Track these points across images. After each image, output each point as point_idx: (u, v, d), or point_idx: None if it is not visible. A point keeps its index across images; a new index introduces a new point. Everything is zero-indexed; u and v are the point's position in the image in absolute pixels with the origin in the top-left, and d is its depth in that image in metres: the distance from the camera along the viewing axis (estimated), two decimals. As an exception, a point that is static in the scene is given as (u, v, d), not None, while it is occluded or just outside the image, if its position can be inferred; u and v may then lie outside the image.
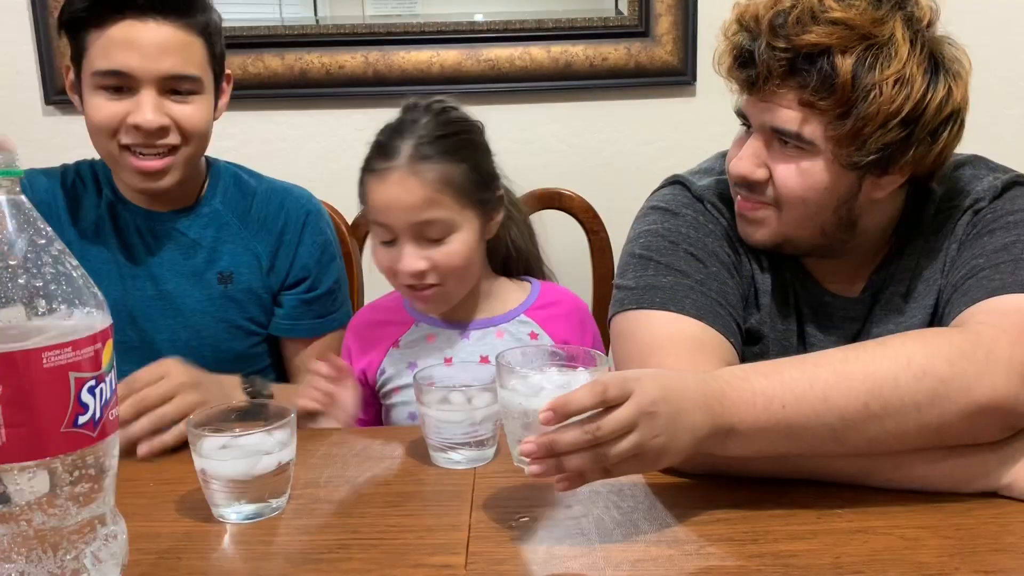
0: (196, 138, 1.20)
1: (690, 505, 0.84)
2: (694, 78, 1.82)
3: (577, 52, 1.81)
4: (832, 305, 1.08)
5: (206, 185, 1.31)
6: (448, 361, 1.21)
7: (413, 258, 1.14)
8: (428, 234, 1.14)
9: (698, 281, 1.01)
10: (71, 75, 1.21)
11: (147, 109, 1.14)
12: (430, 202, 1.12)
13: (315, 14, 1.84)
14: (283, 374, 1.38)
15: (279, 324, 1.33)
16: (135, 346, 1.25)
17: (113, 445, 0.68)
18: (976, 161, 1.08)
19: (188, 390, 1.02)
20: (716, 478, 0.89)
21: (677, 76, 1.82)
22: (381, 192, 1.14)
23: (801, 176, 0.97)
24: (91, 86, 1.16)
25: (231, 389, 1.12)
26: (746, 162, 1.00)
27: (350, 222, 1.51)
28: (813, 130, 0.94)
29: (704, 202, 1.08)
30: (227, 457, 0.83)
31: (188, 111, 1.18)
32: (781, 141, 0.97)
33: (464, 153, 1.16)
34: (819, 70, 0.91)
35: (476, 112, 1.24)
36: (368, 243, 1.34)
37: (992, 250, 0.96)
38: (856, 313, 1.08)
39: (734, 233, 1.07)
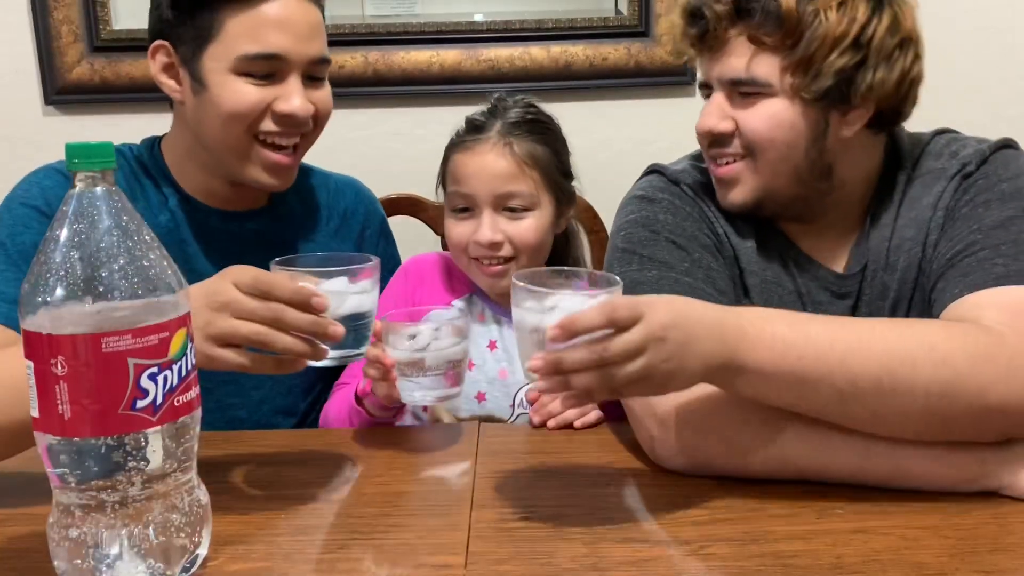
0: (321, 127, 1.15)
1: (690, 505, 0.84)
2: (694, 78, 1.81)
3: (577, 52, 1.81)
4: (824, 280, 1.08)
5: None
6: (492, 345, 1.24)
7: (491, 229, 1.19)
8: (510, 206, 1.19)
9: (683, 271, 1.02)
10: (161, 56, 1.09)
11: (297, 95, 1.07)
12: (517, 174, 1.19)
13: (315, 14, 1.84)
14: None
15: None
16: None
17: (190, 423, 0.71)
18: (951, 132, 1.11)
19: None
20: (716, 478, 0.89)
21: (677, 76, 1.82)
22: (470, 161, 1.20)
23: (764, 117, 1.00)
24: (231, 71, 1.05)
25: None
26: (710, 117, 1.03)
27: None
28: (765, 69, 0.98)
29: (680, 184, 1.10)
30: None
31: (323, 96, 1.13)
32: (740, 93, 1.01)
33: (549, 137, 1.23)
34: (763, 7, 0.96)
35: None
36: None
37: (990, 225, 0.96)
38: (848, 289, 1.07)
39: (712, 213, 1.09)
